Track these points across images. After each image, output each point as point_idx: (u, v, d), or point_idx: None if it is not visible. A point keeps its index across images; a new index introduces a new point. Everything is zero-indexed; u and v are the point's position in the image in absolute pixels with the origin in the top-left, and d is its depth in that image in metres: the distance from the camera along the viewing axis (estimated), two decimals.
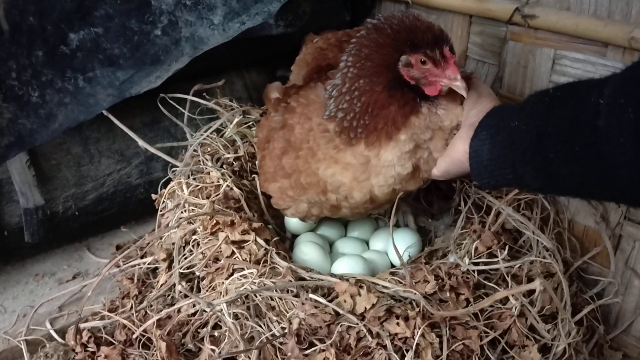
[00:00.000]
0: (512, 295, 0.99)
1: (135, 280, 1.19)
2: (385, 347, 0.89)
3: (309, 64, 1.25)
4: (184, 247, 1.12)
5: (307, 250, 1.16)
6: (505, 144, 0.82)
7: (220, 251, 1.03)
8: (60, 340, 1.10)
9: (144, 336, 1.02)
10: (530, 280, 1.04)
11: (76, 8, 1.11)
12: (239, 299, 0.96)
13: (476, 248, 1.07)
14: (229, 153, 1.31)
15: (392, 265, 1.22)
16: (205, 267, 1.04)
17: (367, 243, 1.31)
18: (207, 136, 1.34)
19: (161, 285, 1.11)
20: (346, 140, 0.99)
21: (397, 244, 1.14)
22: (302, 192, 1.09)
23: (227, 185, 1.19)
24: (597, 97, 0.68)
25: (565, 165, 0.73)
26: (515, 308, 0.98)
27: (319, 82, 1.10)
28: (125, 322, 1.04)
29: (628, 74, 0.67)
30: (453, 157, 0.94)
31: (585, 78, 0.77)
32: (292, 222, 1.29)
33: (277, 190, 1.13)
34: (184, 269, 1.07)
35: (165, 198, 1.25)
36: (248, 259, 1.01)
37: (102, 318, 1.09)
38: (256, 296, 0.96)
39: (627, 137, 0.63)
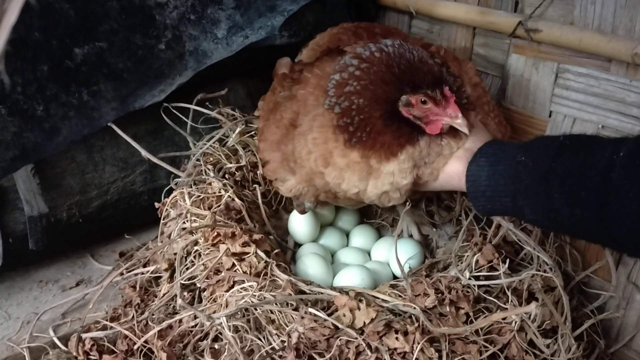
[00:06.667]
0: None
1: (138, 289, 1.19)
2: None
3: (321, 46, 1.25)
4: (185, 258, 1.12)
5: (309, 263, 1.16)
6: (508, 175, 0.87)
7: (221, 263, 1.04)
8: (63, 347, 1.11)
9: (145, 346, 1.02)
10: (531, 294, 1.04)
11: (81, 23, 1.11)
12: (239, 312, 0.97)
13: (477, 261, 1.07)
14: (231, 163, 1.31)
15: (394, 276, 1.22)
16: (207, 278, 1.04)
17: (369, 253, 1.31)
18: (210, 146, 1.35)
19: (163, 295, 1.12)
20: (343, 140, 0.98)
21: (399, 255, 1.14)
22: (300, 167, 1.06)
23: (229, 196, 1.19)
24: (613, 152, 0.74)
25: (568, 206, 0.79)
26: (515, 323, 0.98)
27: (337, 57, 1.06)
28: (126, 332, 1.04)
29: None
30: (446, 171, 0.97)
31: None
32: (296, 230, 1.29)
33: (279, 158, 1.10)
34: (185, 280, 1.08)
35: (168, 207, 1.25)
36: (248, 272, 1.01)
37: (104, 328, 1.09)
38: (256, 309, 0.96)
39: (636, 193, 0.70)
